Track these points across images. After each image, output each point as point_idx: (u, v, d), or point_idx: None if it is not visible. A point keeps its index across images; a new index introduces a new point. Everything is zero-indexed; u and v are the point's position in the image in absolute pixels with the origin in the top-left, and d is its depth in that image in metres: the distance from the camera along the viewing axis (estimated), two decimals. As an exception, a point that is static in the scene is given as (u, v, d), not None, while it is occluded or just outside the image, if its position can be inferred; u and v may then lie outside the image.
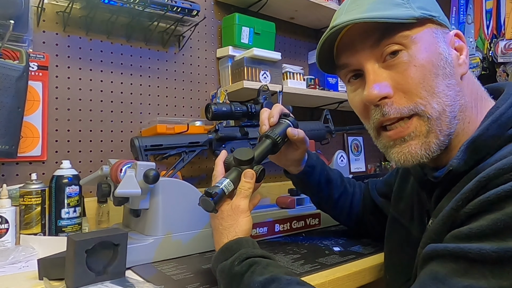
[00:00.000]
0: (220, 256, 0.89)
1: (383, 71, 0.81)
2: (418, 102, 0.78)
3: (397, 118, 0.80)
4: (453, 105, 0.78)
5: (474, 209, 0.65)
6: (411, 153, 0.80)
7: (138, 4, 1.61)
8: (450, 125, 0.78)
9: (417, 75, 0.78)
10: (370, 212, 1.33)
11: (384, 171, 2.76)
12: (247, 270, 0.82)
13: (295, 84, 2.15)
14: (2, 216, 1.26)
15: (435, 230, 0.74)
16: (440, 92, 0.77)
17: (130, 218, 1.26)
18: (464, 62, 0.83)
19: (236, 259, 0.85)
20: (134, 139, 1.35)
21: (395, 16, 0.77)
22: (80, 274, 0.90)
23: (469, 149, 0.75)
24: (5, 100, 1.30)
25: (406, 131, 0.80)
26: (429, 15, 0.79)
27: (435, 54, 0.79)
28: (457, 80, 0.80)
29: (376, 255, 1.20)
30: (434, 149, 0.79)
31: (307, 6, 2.23)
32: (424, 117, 0.78)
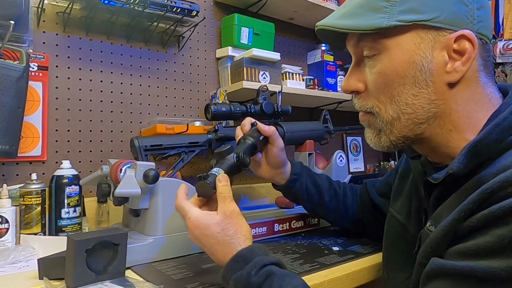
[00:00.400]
0: (234, 266, 0.85)
1: (361, 68, 0.89)
2: (375, 105, 0.85)
3: (360, 110, 0.90)
4: (415, 113, 0.81)
5: (478, 223, 0.65)
6: (369, 139, 0.91)
7: (138, 5, 1.61)
8: (405, 130, 0.83)
9: (379, 81, 0.83)
10: (369, 212, 1.33)
11: (383, 171, 2.76)
12: (264, 280, 0.80)
13: (294, 85, 2.15)
14: (2, 216, 1.26)
15: (436, 240, 0.73)
16: (401, 100, 0.81)
17: (130, 218, 1.26)
18: (456, 70, 0.78)
19: (253, 269, 0.82)
20: (134, 139, 1.35)
21: (359, 27, 0.81)
22: (80, 273, 0.90)
23: (470, 152, 0.74)
24: (5, 101, 1.30)
25: (362, 118, 0.91)
26: (413, 20, 0.77)
27: (406, 63, 0.80)
28: (436, 88, 0.79)
29: (375, 255, 1.21)
30: (385, 145, 0.87)
31: (306, 6, 2.23)
32: (378, 118, 0.86)
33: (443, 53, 0.78)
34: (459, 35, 0.77)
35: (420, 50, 0.79)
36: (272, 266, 0.84)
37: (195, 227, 0.91)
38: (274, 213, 1.49)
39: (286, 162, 1.28)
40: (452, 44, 0.77)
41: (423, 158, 0.95)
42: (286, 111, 1.62)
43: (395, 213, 1.06)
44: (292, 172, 1.30)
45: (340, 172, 1.78)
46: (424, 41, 0.78)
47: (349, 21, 0.82)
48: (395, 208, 1.07)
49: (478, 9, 0.78)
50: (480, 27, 0.79)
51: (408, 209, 1.00)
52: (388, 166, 2.84)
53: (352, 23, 0.82)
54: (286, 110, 1.63)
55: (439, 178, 0.78)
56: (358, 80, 0.88)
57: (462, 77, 0.78)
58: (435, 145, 0.84)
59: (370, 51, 0.84)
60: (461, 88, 0.79)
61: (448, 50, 0.78)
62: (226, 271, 0.86)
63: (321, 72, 2.43)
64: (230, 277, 0.84)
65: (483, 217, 0.64)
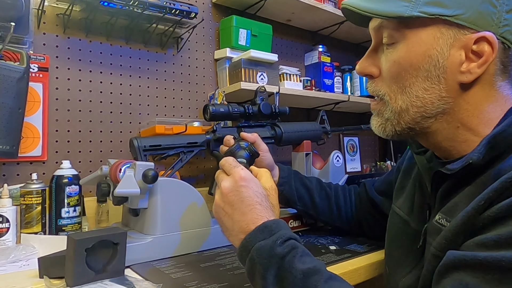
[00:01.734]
0: (259, 235, 0.81)
1: (378, 53, 0.88)
2: (387, 93, 0.85)
3: (372, 94, 0.89)
4: (424, 107, 0.80)
5: (499, 213, 0.63)
6: (374, 126, 0.90)
7: (137, 7, 1.61)
8: (412, 122, 0.83)
9: (393, 70, 0.82)
10: (367, 212, 1.33)
11: (380, 171, 2.76)
12: (288, 252, 0.77)
13: (291, 86, 2.15)
14: (3, 215, 1.26)
15: (453, 231, 0.71)
16: (411, 92, 0.81)
17: (129, 217, 1.26)
18: (470, 71, 0.76)
19: (278, 239, 0.79)
20: (133, 140, 1.35)
21: (381, 12, 0.79)
22: (80, 272, 0.90)
23: (489, 144, 0.73)
24: (6, 101, 1.30)
25: (373, 106, 0.90)
26: (436, 13, 0.75)
27: (421, 56, 0.79)
28: (448, 86, 0.78)
29: (372, 254, 1.21)
30: (390, 134, 0.87)
31: (304, 8, 2.23)
32: (388, 106, 0.85)
33: (460, 52, 0.76)
34: (480, 36, 0.74)
35: (437, 45, 0.77)
36: (297, 242, 0.81)
37: (242, 179, 0.89)
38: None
39: (273, 166, 1.30)
40: (471, 44, 0.75)
41: (428, 154, 0.94)
42: (283, 111, 1.62)
43: (397, 209, 1.06)
44: (280, 176, 1.31)
45: (337, 172, 1.78)
46: (444, 36, 0.77)
47: (373, 4, 0.81)
48: (397, 204, 1.07)
49: (507, 12, 0.75)
50: (505, 31, 0.75)
51: (411, 205, 1.00)
52: (384, 166, 2.84)
53: (376, 7, 0.80)
54: (284, 110, 1.63)
55: (455, 169, 0.76)
56: (374, 65, 0.88)
57: (476, 79, 0.77)
58: (440, 139, 0.84)
59: (389, 39, 0.83)
60: (474, 89, 0.78)
61: (466, 50, 0.76)
62: (249, 240, 0.82)
63: (318, 73, 2.44)
64: (253, 245, 0.80)
65: (504, 207, 0.63)
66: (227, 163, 0.94)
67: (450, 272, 0.65)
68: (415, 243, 0.89)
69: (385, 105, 0.86)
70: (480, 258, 0.61)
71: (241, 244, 0.83)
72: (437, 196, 0.85)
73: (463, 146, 0.81)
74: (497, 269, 0.58)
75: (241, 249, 0.83)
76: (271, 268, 0.76)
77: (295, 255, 0.77)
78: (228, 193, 0.88)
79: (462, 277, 0.62)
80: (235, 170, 0.91)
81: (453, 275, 0.64)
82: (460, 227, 0.70)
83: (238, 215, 0.86)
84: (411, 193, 1.02)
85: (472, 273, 0.61)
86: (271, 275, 0.76)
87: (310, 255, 0.80)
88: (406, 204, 1.02)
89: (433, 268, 0.73)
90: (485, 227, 0.65)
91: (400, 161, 1.20)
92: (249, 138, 1.22)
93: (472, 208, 0.68)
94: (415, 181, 1.02)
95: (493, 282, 0.58)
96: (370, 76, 0.89)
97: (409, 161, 1.12)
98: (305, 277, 0.74)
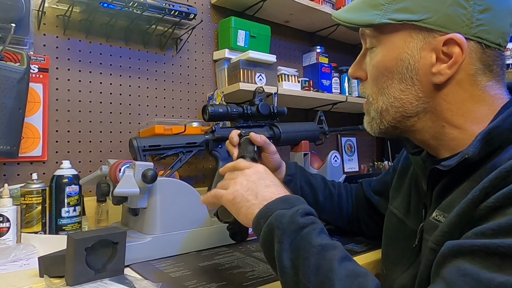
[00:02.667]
0: (281, 204, 0.83)
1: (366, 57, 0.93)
2: (370, 94, 0.90)
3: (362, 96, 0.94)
4: (403, 107, 0.84)
5: (496, 203, 0.63)
6: (364, 124, 0.95)
7: (137, 8, 1.61)
8: (393, 121, 0.86)
9: (373, 73, 0.88)
10: (364, 211, 1.34)
11: (377, 171, 2.77)
12: (308, 224, 0.78)
13: (290, 86, 2.15)
14: (4, 215, 1.26)
15: (449, 224, 0.71)
16: (390, 93, 0.85)
17: (128, 217, 1.26)
18: (440, 72, 0.78)
19: (299, 209, 0.80)
20: (133, 140, 1.36)
21: (355, 21, 0.86)
22: (80, 271, 0.90)
23: (484, 139, 0.74)
24: (6, 102, 1.30)
25: (364, 106, 0.94)
26: (403, 19, 0.79)
27: (394, 60, 0.83)
28: (423, 87, 0.81)
29: (370, 253, 1.21)
30: (376, 132, 0.91)
31: (302, 9, 2.24)
32: (372, 106, 0.90)
33: (431, 54, 0.79)
34: (448, 38, 0.76)
35: (408, 49, 0.81)
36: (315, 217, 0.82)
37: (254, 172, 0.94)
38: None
39: (280, 164, 1.29)
40: (440, 46, 0.77)
41: (423, 154, 0.95)
42: (282, 112, 1.63)
43: (394, 209, 1.06)
44: (286, 173, 1.30)
45: (334, 172, 1.78)
46: (414, 40, 0.80)
47: (350, 14, 0.87)
48: (394, 205, 1.07)
49: (480, 13, 0.76)
50: (479, 30, 0.77)
51: (407, 205, 1.00)
52: (382, 166, 2.84)
53: (351, 17, 0.86)
54: (282, 111, 1.63)
55: (451, 165, 0.76)
56: (361, 69, 0.92)
57: (451, 80, 0.79)
58: (428, 137, 0.86)
59: (369, 44, 0.88)
60: (452, 89, 0.79)
61: (436, 52, 0.78)
62: (270, 207, 0.83)
63: (316, 74, 2.44)
64: (272, 212, 0.81)
65: (501, 196, 0.62)
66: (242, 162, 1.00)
67: (449, 260, 0.65)
68: (411, 242, 0.89)
69: (370, 105, 0.91)
70: (479, 245, 0.60)
71: (260, 211, 0.84)
72: (433, 194, 0.85)
73: (452, 144, 0.82)
74: (496, 254, 0.58)
75: (259, 216, 0.83)
76: (290, 234, 0.77)
77: (315, 228, 0.78)
78: (251, 173, 0.93)
79: (460, 264, 0.62)
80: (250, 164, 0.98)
81: (451, 263, 0.64)
82: (456, 219, 0.70)
83: (262, 187, 0.89)
84: (407, 193, 1.03)
85: (471, 259, 0.61)
86: (287, 241, 0.76)
87: (327, 234, 0.80)
88: (403, 204, 1.02)
89: (430, 262, 0.72)
90: (483, 218, 0.65)
91: (396, 161, 1.20)
92: (258, 142, 1.21)
93: (468, 200, 0.68)
94: (411, 181, 1.03)
95: (493, 267, 0.58)
96: (360, 79, 0.94)
97: (404, 161, 1.12)
98: (322, 250, 0.74)
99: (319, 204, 1.33)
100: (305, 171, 1.35)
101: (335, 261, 0.72)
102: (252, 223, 0.84)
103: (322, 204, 1.33)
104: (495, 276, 0.56)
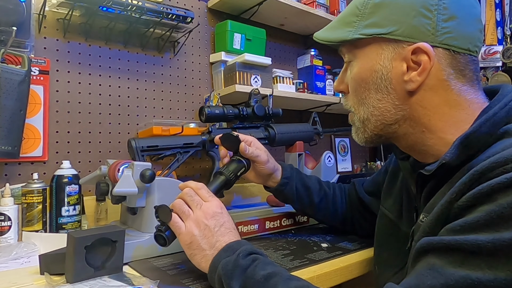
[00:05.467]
0: (223, 254, 0.87)
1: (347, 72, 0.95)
2: (352, 105, 0.93)
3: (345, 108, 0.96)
4: (382, 115, 0.87)
5: (467, 202, 0.65)
6: (352, 134, 0.97)
7: (135, 12, 1.61)
8: (376, 129, 0.89)
9: (352, 85, 0.91)
10: (357, 211, 1.34)
11: (370, 171, 2.77)
12: (250, 263, 0.82)
13: (284, 88, 2.16)
14: (5, 214, 1.26)
15: (429, 224, 0.73)
16: (369, 103, 0.88)
17: (127, 215, 1.27)
18: (411, 80, 0.81)
19: (241, 253, 0.85)
20: (131, 140, 1.36)
21: (331, 39, 0.91)
22: (80, 269, 0.90)
23: (462, 144, 0.75)
24: (8, 103, 1.31)
25: (349, 118, 0.97)
26: (373, 33, 0.83)
27: (368, 71, 0.87)
28: (398, 95, 0.84)
29: (362, 251, 1.21)
30: (362, 141, 0.94)
31: (296, 13, 2.24)
32: (355, 116, 0.93)
33: (402, 63, 0.82)
34: (415, 47, 0.80)
35: (381, 60, 0.84)
36: (259, 255, 0.87)
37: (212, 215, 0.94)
38: (265, 211, 1.49)
39: (275, 169, 1.29)
40: (409, 55, 0.81)
41: (412, 159, 0.96)
42: (276, 113, 1.63)
43: (386, 211, 1.07)
44: (282, 176, 1.30)
45: (328, 172, 1.79)
46: (385, 52, 0.84)
47: (327, 33, 0.93)
48: (386, 206, 1.08)
49: (444, 21, 0.79)
50: (446, 38, 0.80)
51: (399, 207, 1.02)
52: (374, 166, 2.85)
53: (327, 36, 0.92)
54: (277, 112, 1.64)
55: (432, 169, 0.79)
56: (343, 82, 0.95)
57: (423, 86, 0.82)
58: (412, 143, 0.88)
59: (347, 58, 0.92)
60: (426, 95, 0.82)
61: (406, 61, 0.82)
62: (215, 261, 0.87)
63: (311, 76, 2.44)
64: (219, 262, 0.85)
65: (472, 195, 0.65)
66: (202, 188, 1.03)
67: (422, 255, 0.68)
68: (404, 244, 0.90)
69: (353, 116, 0.94)
70: (445, 241, 0.64)
71: (210, 266, 0.88)
72: (422, 197, 0.87)
73: (434, 149, 0.84)
74: (460, 250, 0.61)
75: (210, 270, 0.88)
76: (237, 277, 0.81)
77: (257, 264, 0.82)
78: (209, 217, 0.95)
79: (429, 259, 0.66)
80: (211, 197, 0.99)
81: (423, 258, 0.67)
82: (435, 219, 0.72)
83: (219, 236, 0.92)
84: (399, 196, 1.04)
85: (439, 255, 0.64)
86: (236, 284, 0.81)
87: (272, 263, 0.85)
88: (395, 207, 1.04)
89: None
90: (456, 216, 0.67)
91: (387, 163, 1.21)
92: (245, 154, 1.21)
93: (445, 201, 0.70)
94: (402, 185, 1.04)
95: (456, 263, 0.61)
96: (343, 92, 0.97)
97: (395, 164, 1.13)
98: (266, 280, 0.78)
99: (314, 205, 1.33)
100: (300, 173, 1.36)
101: (279, 285, 0.77)
102: (208, 276, 0.89)
103: (317, 205, 1.33)
104: (456, 271, 0.60)
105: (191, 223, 0.93)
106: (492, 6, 2.85)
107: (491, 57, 2.80)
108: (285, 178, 1.31)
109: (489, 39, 2.82)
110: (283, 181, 1.30)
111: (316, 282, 1.01)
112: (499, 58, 2.75)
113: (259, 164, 1.24)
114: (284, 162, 1.37)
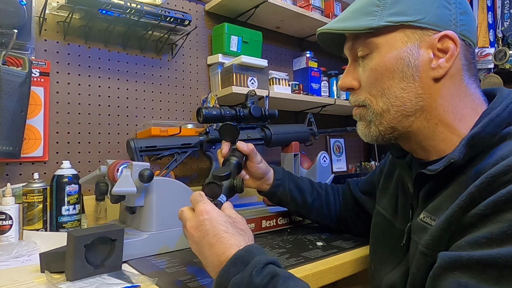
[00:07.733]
0: (232, 269, 0.74)
1: (356, 68, 0.92)
2: (367, 98, 0.89)
3: (354, 105, 0.93)
4: (403, 106, 0.84)
5: (486, 210, 0.63)
6: (360, 130, 0.93)
7: (134, 15, 1.61)
8: (393, 121, 0.86)
9: (372, 76, 0.87)
10: (351, 210, 1.34)
11: (364, 171, 2.78)
12: (269, 282, 0.71)
13: (280, 90, 2.16)
14: (6, 213, 1.26)
15: (440, 230, 0.71)
16: (391, 93, 0.85)
17: (126, 215, 1.27)
18: (440, 66, 0.81)
19: (254, 268, 0.72)
20: (130, 141, 1.36)
21: (353, 27, 0.87)
22: (79, 267, 0.90)
23: (468, 144, 0.76)
24: (9, 104, 1.31)
25: (355, 112, 0.94)
26: (400, 21, 0.82)
27: (394, 59, 0.84)
28: (422, 83, 0.82)
29: (357, 249, 1.21)
30: (374, 135, 0.90)
31: (292, 16, 2.25)
32: (369, 109, 0.89)
33: (428, 51, 0.82)
34: (442, 35, 0.81)
35: (407, 48, 0.83)
36: (273, 265, 0.75)
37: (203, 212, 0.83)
38: (262, 210, 1.50)
39: (267, 171, 1.29)
40: (436, 43, 0.81)
41: (408, 157, 0.96)
42: (273, 114, 1.64)
43: (381, 209, 1.07)
44: (275, 178, 1.31)
45: (323, 171, 1.79)
46: (410, 39, 0.83)
47: (345, 23, 0.88)
48: (381, 205, 1.09)
49: (461, 14, 0.83)
50: (463, 29, 0.83)
51: (395, 205, 1.02)
52: (369, 166, 2.86)
53: (348, 25, 0.87)
54: (273, 113, 1.64)
55: (438, 169, 0.78)
56: (353, 79, 0.92)
57: (447, 73, 0.82)
58: (422, 138, 0.87)
59: (363, 51, 0.88)
60: (446, 83, 0.83)
61: (432, 48, 0.82)
62: (223, 276, 0.74)
63: (306, 78, 2.45)
64: (228, 282, 0.73)
65: (491, 203, 0.63)
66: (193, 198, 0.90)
67: (446, 273, 0.64)
68: (399, 241, 0.91)
69: (366, 109, 0.90)
70: (476, 257, 0.60)
71: (215, 282, 0.75)
72: (420, 196, 0.86)
73: (441, 145, 0.84)
74: (494, 266, 0.58)
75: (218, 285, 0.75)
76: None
77: (276, 284, 0.71)
78: (193, 231, 0.84)
79: (459, 278, 0.61)
80: (197, 205, 0.87)
81: (449, 276, 0.63)
82: (446, 225, 0.70)
83: (207, 249, 0.80)
84: (394, 194, 1.04)
85: (469, 273, 0.60)
86: None
87: (292, 277, 0.74)
88: (390, 205, 1.04)
89: (422, 266, 0.74)
90: (474, 225, 0.65)
91: (382, 163, 1.22)
92: (245, 151, 1.21)
93: (456, 205, 0.69)
94: (398, 183, 1.04)
95: (492, 280, 0.58)
96: (352, 89, 0.93)
97: (391, 163, 1.13)
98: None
99: (308, 205, 1.34)
100: (292, 175, 1.36)
101: None
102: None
103: (310, 205, 1.34)
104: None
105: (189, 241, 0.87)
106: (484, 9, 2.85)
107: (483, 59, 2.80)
108: (278, 179, 1.31)
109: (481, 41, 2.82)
110: (276, 182, 1.30)
111: (311, 280, 1.01)
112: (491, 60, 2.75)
113: (254, 163, 1.25)
114: (275, 166, 1.37)
